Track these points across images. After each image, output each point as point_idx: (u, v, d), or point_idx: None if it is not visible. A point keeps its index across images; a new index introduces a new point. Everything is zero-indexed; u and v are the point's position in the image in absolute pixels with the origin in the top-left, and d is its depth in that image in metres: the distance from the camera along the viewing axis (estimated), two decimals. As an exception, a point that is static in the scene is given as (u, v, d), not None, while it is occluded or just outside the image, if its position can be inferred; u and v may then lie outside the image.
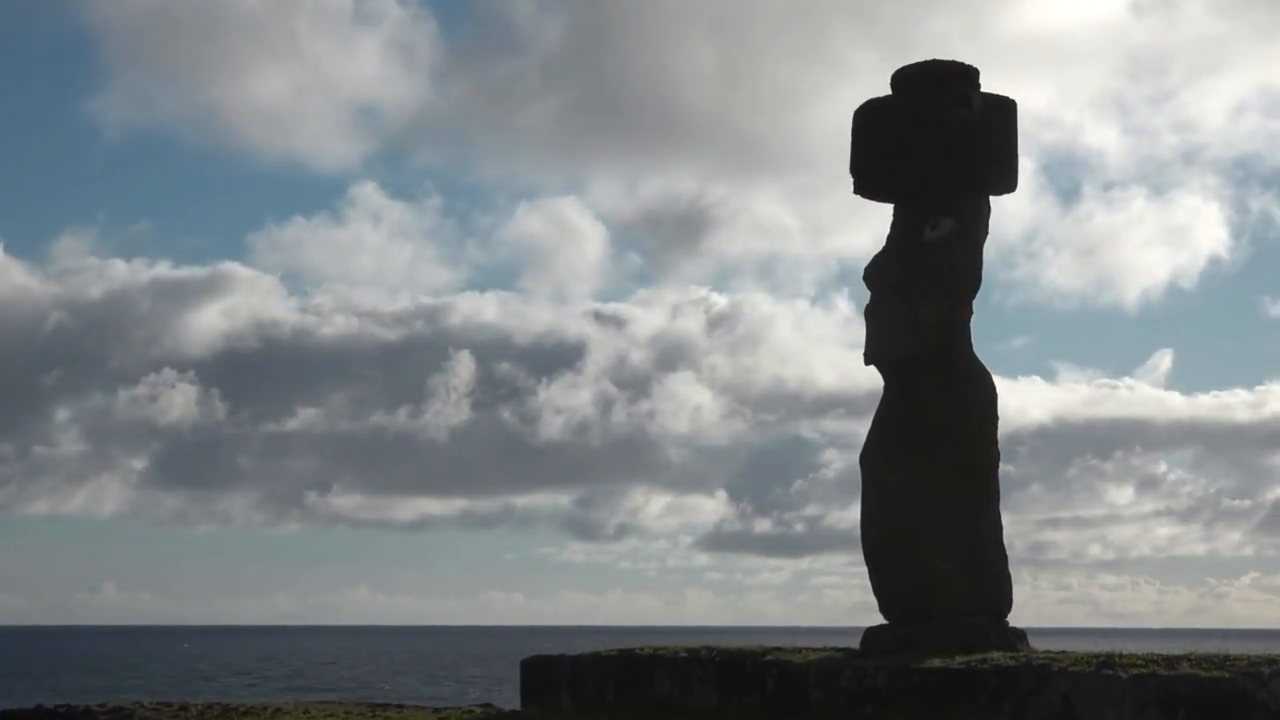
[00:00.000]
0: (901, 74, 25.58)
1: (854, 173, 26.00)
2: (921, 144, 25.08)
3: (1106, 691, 20.67)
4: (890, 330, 25.45)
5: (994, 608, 25.12)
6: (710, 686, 24.85)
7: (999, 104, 25.64)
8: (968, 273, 25.43)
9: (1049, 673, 21.42)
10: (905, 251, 25.48)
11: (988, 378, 25.52)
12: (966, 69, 25.46)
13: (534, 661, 27.95)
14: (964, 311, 25.48)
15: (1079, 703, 20.90)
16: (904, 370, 25.36)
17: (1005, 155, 25.61)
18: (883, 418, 25.67)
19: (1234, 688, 20.08)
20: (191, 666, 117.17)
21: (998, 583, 25.20)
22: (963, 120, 25.13)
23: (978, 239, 25.61)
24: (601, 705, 25.91)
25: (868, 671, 23.08)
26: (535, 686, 27.65)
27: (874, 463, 25.56)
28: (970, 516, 24.99)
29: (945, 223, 25.32)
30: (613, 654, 26.81)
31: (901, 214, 25.76)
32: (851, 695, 23.04)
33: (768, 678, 24.23)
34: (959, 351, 25.34)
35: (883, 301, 25.61)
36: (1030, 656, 22.87)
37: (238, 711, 27.48)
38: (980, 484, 25.18)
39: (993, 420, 25.41)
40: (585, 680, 26.62)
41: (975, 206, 25.55)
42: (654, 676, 25.59)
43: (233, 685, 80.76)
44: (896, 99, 25.55)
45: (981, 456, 25.22)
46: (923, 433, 25.05)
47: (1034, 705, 21.29)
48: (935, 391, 25.09)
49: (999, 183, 25.74)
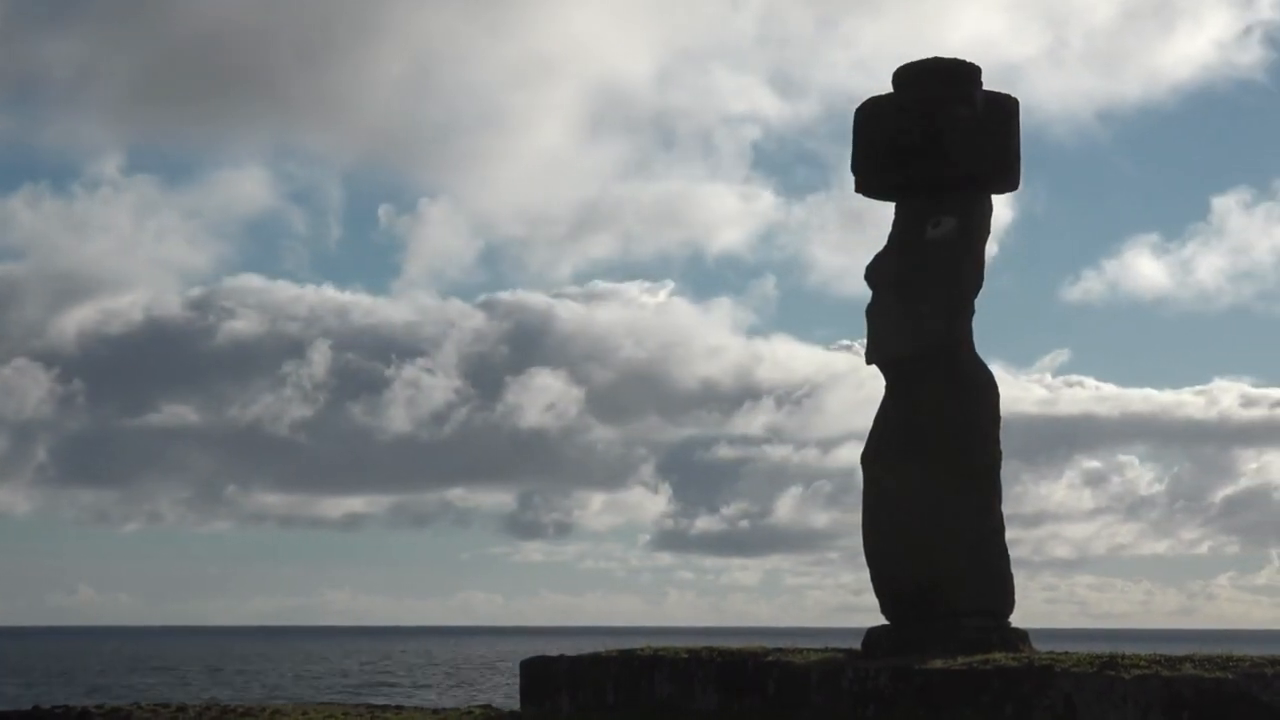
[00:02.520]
0: (903, 72, 25.50)
1: (855, 171, 25.92)
2: (923, 142, 25.04)
3: (1109, 693, 20.65)
4: (891, 330, 25.37)
5: (996, 609, 25.06)
6: (711, 688, 24.77)
7: (1001, 102, 25.58)
8: (969, 271, 25.37)
9: (1051, 674, 21.38)
10: (907, 250, 25.41)
11: (990, 377, 25.46)
12: (969, 67, 25.38)
13: (533, 663, 27.85)
14: (966, 311, 25.43)
15: (1082, 704, 20.86)
16: (905, 370, 25.29)
17: (1007, 154, 25.55)
18: (884, 418, 25.59)
19: (1237, 689, 20.08)
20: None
21: (999, 584, 25.13)
22: (965, 119, 25.08)
23: (979, 238, 25.55)
24: (601, 707, 25.82)
25: (869, 673, 23.04)
26: (534, 688, 27.55)
27: (875, 464, 25.49)
28: (972, 517, 24.92)
29: (947, 221, 25.27)
30: (612, 655, 26.74)
31: (903, 213, 25.70)
32: (853, 697, 22.99)
33: (769, 679, 24.17)
34: (961, 351, 25.27)
35: (884, 301, 25.54)
36: (1032, 658, 22.83)
37: (235, 712, 27.46)
38: (982, 485, 25.11)
39: (995, 420, 25.34)
40: (584, 681, 26.53)
41: (977, 205, 25.50)
42: (654, 678, 25.53)
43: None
44: (898, 97, 25.48)
45: (983, 457, 25.16)
46: (924, 433, 24.97)
47: (1037, 707, 21.24)
48: (937, 391, 25.02)
49: (1001, 181, 25.67)
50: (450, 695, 69.58)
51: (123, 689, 75.16)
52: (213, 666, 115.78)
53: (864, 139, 25.79)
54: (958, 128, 24.98)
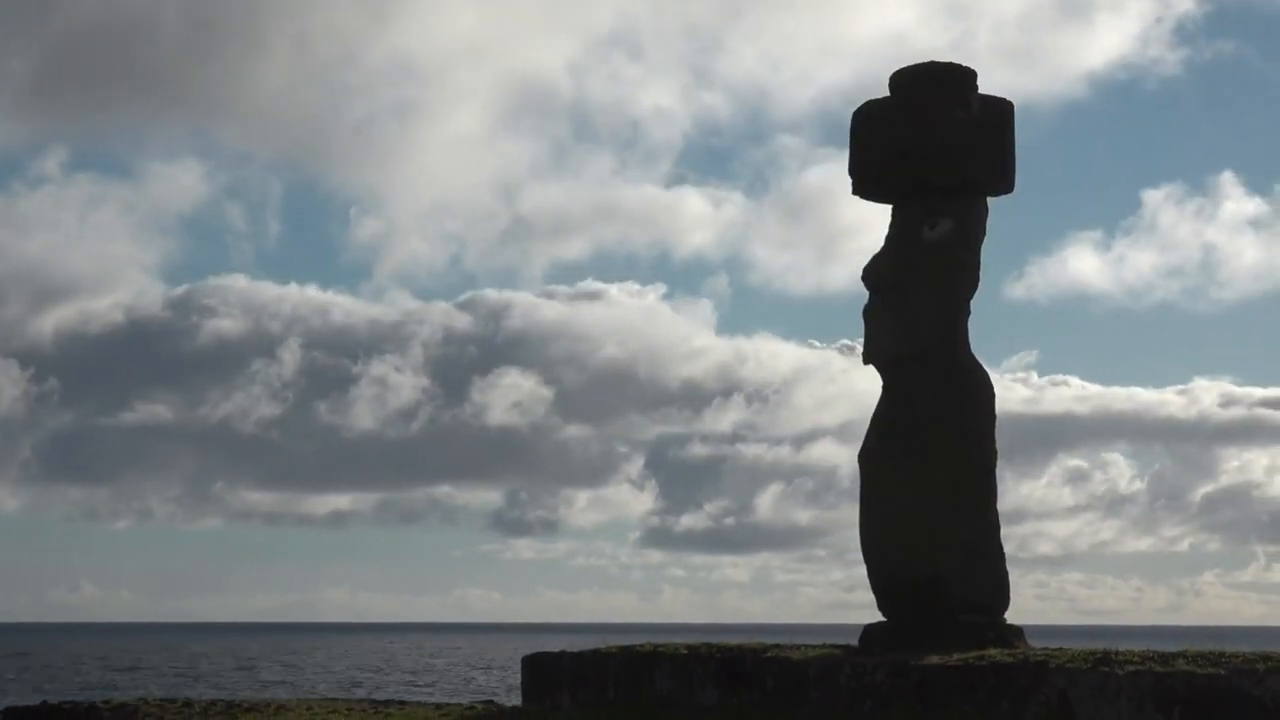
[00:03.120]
0: (900, 76, 25.83)
1: (853, 174, 26.25)
2: (920, 145, 25.35)
3: (1104, 688, 20.92)
4: (889, 330, 25.68)
5: (991, 605, 25.37)
6: (710, 684, 25.05)
7: (996, 106, 25.92)
8: (966, 272, 25.69)
9: (1046, 670, 21.64)
10: (903, 252, 25.72)
11: (985, 377, 25.77)
12: (964, 71, 25.71)
13: (535, 659, 28.12)
14: (962, 311, 25.74)
15: (1076, 700, 21.14)
16: (903, 370, 25.61)
17: (1002, 156, 25.89)
18: (881, 417, 25.89)
19: (1229, 685, 20.31)
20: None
21: (995, 581, 25.44)
22: (960, 122, 25.40)
23: (975, 239, 25.86)
24: (602, 702, 26.08)
25: (867, 669, 23.30)
26: (536, 684, 27.83)
27: (873, 462, 25.80)
28: (968, 515, 25.23)
29: (943, 223, 25.58)
30: (613, 651, 27.01)
31: (900, 214, 26.01)
32: (851, 692, 23.26)
33: (768, 675, 24.45)
34: (957, 351, 25.58)
35: (881, 301, 25.85)
36: (1028, 654, 23.12)
37: (241, 708, 27.70)
38: (978, 483, 25.42)
39: (990, 420, 25.65)
40: (586, 678, 26.79)
41: (973, 207, 25.82)
42: (654, 674, 25.80)
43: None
44: (895, 101, 25.79)
45: (979, 456, 25.46)
46: (921, 432, 25.27)
47: (1032, 702, 21.52)
48: (933, 391, 25.33)
49: (996, 183, 26.00)
50: (452, 691, 69.82)
51: (128, 685, 75.49)
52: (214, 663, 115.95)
53: (861, 142, 26.10)
54: (954, 131, 25.31)
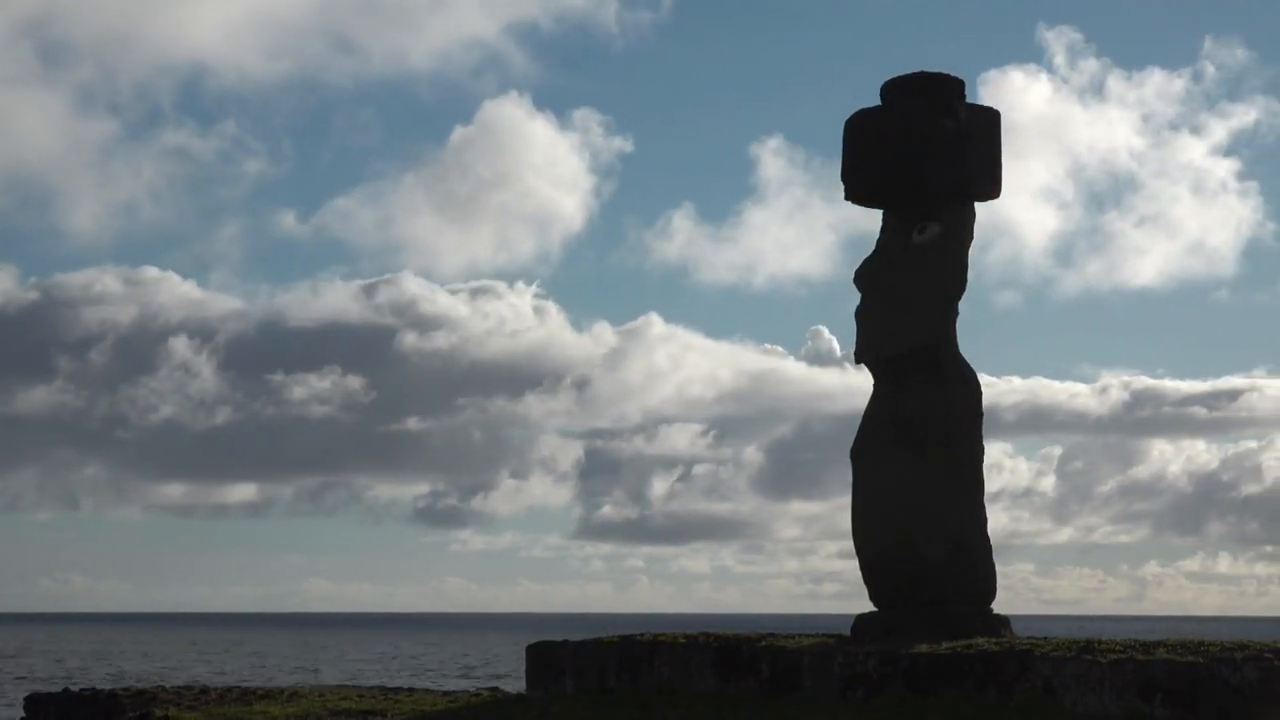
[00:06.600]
0: (891, 85, 26.56)
1: (845, 179, 26.97)
2: (910, 152, 26.09)
3: (1087, 676, 21.64)
4: (880, 330, 26.45)
5: (979, 596, 26.11)
6: (708, 672, 25.81)
7: (984, 114, 26.71)
8: (954, 275, 26.43)
9: (1032, 658, 22.38)
10: (894, 255, 26.49)
11: (973, 376, 26.53)
12: (953, 80, 26.46)
13: (538, 647, 28.72)
14: (950, 312, 26.50)
15: (1060, 687, 21.87)
16: (893, 369, 26.38)
17: (990, 163, 26.65)
18: (872, 414, 26.66)
19: (1208, 672, 20.94)
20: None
21: (982, 572, 26.17)
22: (949, 130, 26.16)
23: (963, 243, 26.59)
24: (603, 689, 26.74)
25: (858, 657, 24.03)
26: (539, 671, 28.45)
27: (864, 458, 26.57)
28: (956, 509, 25.95)
29: (932, 227, 26.32)
30: (614, 640, 27.64)
31: (891, 219, 26.77)
32: (843, 680, 24.00)
33: (763, 663, 25.21)
34: (945, 351, 26.34)
35: (872, 302, 26.64)
36: (1014, 643, 23.81)
37: (256, 695, 28.37)
38: (965, 478, 26.18)
39: (977, 417, 26.41)
40: (587, 665, 27.46)
41: (961, 212, 26.56)
42: (654, 662, 26.55)
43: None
44: (886, 109, 26.55)
45: (967, 451, 26.22)
46: (911, 429, 26.03)
47: (1018, 689, 22.26)
48: (923, 389, 26.08)
49: (984, 189, 26.74)
50: (456, 680, 70.36)
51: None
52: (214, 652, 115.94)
53: (853, 149, 26.83)
54: (943, 138, 26.09)
